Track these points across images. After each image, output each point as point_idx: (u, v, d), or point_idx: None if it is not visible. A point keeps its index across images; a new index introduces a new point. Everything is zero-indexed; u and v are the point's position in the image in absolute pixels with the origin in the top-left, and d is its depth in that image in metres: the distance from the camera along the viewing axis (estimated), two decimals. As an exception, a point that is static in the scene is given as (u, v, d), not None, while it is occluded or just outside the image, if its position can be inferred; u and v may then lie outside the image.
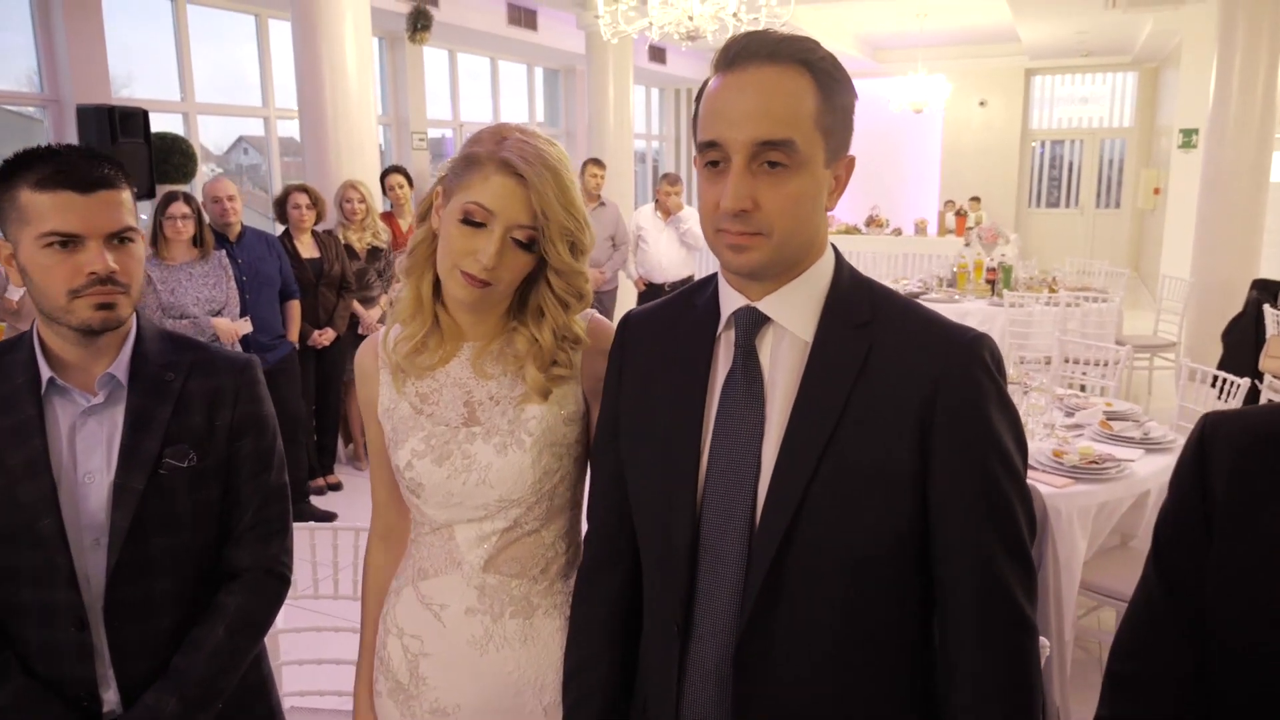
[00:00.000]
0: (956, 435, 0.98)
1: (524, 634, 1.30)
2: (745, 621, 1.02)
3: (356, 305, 4.91)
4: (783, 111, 0.97)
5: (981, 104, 13.99)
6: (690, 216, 6.32)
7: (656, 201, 6.34)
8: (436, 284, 1.29)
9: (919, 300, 6.55)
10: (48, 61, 6.17)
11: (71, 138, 5.83)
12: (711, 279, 1.14)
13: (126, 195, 1.29)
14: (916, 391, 0.99)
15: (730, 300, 1.08)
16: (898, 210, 12.93)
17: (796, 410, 1.02)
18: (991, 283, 6.51)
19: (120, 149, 5.42)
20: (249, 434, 1.41)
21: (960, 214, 11.42)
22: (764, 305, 1.05)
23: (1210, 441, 0.93)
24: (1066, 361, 4.96)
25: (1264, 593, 0.87)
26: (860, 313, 1.04)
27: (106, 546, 1.28)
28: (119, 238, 1.27)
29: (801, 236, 1.02)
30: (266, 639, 2.06)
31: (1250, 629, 0.87)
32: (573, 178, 1.25)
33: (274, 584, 1.43)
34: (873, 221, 12.04)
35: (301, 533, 2.10)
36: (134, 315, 1.36)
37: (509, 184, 1.19)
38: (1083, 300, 6.12)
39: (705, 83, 1.04)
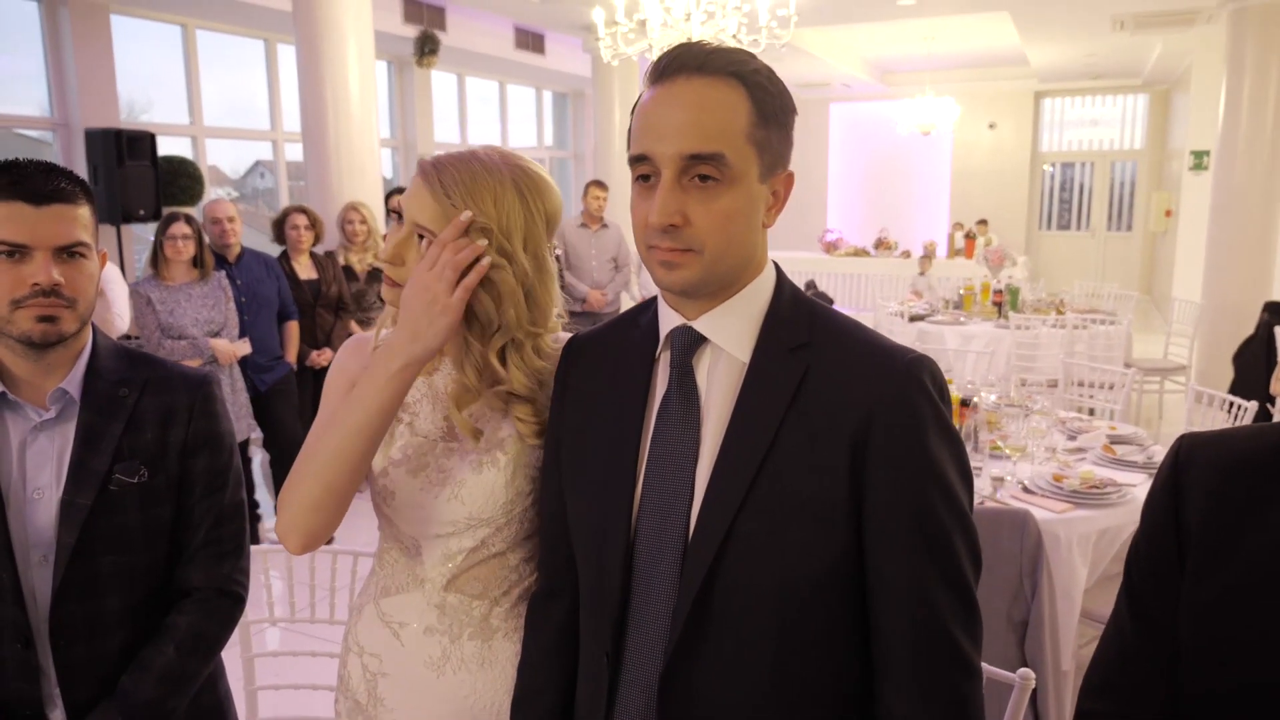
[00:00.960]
0: (891, 463, 0.94)
1: (482, 657, 1.27)
2: (671, 651, 0.98)
3: (354, 326, 4.90)
4: (713, 124, 0.94)
5: (991, 126, 13.98)
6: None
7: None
8: None
9: (925, 322, 6.49)
10: (57, 86, 6.24)
11: (80, 161, 5.89)
12: (656, 299, 1.11)
13: (83, 211, 1.29)
14: (850, 417, 0.95)
15: (668, 320, 1.05)
16: (907, 233, 12.90)
17: (729, 435, 0.98)
18: (998, 305, 6.46)
19: (127, 171, 5.48)
20: (202, 452, 1.39)
21: (970, 236, 11.38)
22: (700, 324, 1.02)
23: (1185, 467, 0.89)
24: (1077, 384, 4.89)
25: (1242, 626, 0.82)
26: (798, 334, 1.00)
27: (53, 563, 1.27)
28: (69, 252, 1.26)
29: (736, 253, 0.98)
30: (241, 662, 2.03)
31: (1227, 664, 0.83)
32: (503, 202, 1.18)
33: (227, 604, 1.41)
34: (881, 244, 12.00)
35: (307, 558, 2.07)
36: (90, 331, 1.36)
37: (417, 182, 1.19)
38: (1090, 323, 6.05)
39: (640, 97, 1.01)
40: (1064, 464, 3.01)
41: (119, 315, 3.76)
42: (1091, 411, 4.63)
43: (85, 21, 6.16)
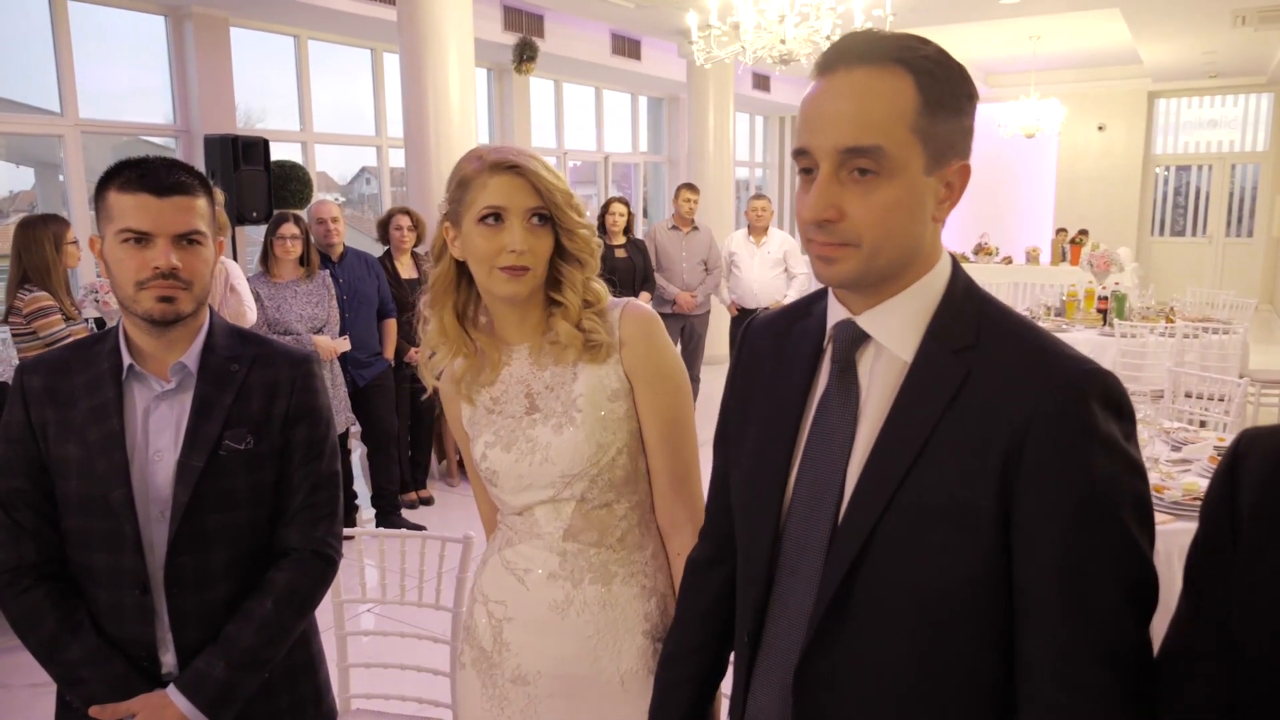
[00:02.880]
0: (1042, 478, 0.88)
1: (603, 600, 1.37)
2: (809, 641, 0.99)
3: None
4: (872, 116, 0.91)
5: (1100, 128, 13.47)
6: (776, 239, 6.30)
7: (749, 225, 6.33)
8: (457, 312, 1.42)
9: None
10: (181, 96, 6.61)
11: (199, 165, 6.23)
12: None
13: (201, 202, 1.41)
14: (1005, 426, 0.89)
15: (835, 312, 1.04)
16: (1009, 238, 12.53)
17: (881, 436, 0.96)
18: (1103, 312, 6.23)
19: (242, 176, 5.77)
20: (302, 423, 1.50)
21: (1076, 242, 10.97)
22: (863, 320, 1.00)
23: (1243, 457, 0.87)
24: (1187, 396, 4.67)
25: None
26: (965, 334, 0.96)
27: (169, 518, 1.40)
28: (187, 239, 1.39)
29: (896, 248, 0.95)
30: (335, 640, 2.13)
31: (1276, 645, 0.81)
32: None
33: (320, 564, 1.52)
34: (981, 249, 11.68)
35: (393, 540, 2.17)
36: (207, 311, 1.48)
37: (507, 178, 1.33)
38: (1202, 331, 5.78)
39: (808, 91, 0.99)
40: (1166, 475, 2.90)
41: (250, 308, 4.00)
42: (1203, 424, 4.42)
43: (207, 34, 6.51)
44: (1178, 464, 3.07)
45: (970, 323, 0.97)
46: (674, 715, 1.23)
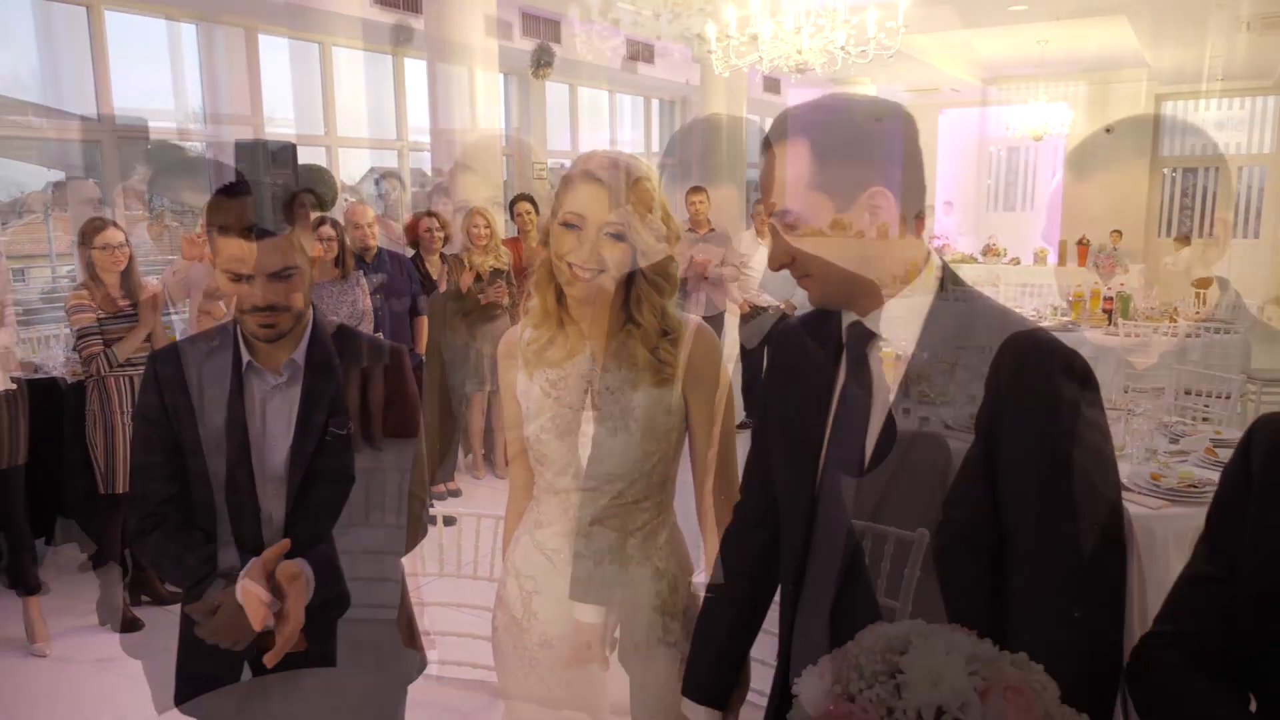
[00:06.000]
0: (1019, 441, 1.09)
1: (619, 579, 1.53)
2: (842, 572, 1.21)
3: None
4: (781, 185, 1.17)
5: (1108, 131, 13.58)
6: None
7: (757, 225, 6.45)
8: (559, 296, 1.53)
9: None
10: (211, 101, 6.80)
11: (229, 171, 6.41)
12: None
13: (295, 236, 1.59)
14: (990, 398, 1.10)
15: (848, 316, 1.26)
16: (1017, 240, 12.66)
17: (889, 417, 1.18)
18: (1108, 312, 6.38)
19: (271, 180, 5.96)
20: (393, 406, 1.69)
21: (1082, 244, 11.10)
22: (868, 321, 1.22)
23: (1256, 433, 1.09)
24: (1187, 394, 4.81)
25: None
26: (954, 326, 1.18)
27: (284, 495, 1.61)
28: (279, 274, 1.57)
29: (840, 272, 1.19)
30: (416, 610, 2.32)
31: (1271, 575, 1.01)
32: (651, 181, 1.48)
33: (415, 524, 1.71)
34: (989, 250, 11.83)
35: (465, 521, 2.37)
36: (310, 313, 1.67)
37: (594, 190, 1.44)
38: (1205, 331, 5.93)
39: None
40: (1164, 465, 3.05)
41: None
42: (1205, 420, 4.55)
43: (236, 41, 6.70)
44: (1175, 455, 3.23)
45: (960, 317, 1.19)
46: (712, 645, 1.43)
